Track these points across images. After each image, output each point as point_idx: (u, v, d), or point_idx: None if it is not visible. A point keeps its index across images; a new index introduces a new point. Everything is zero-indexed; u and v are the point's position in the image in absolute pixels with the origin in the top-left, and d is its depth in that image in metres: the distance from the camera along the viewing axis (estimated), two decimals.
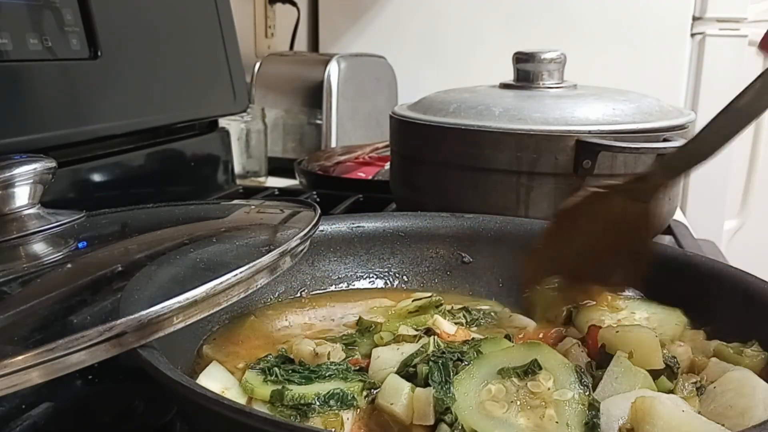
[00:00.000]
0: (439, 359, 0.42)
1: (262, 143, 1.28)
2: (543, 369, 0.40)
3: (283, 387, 0.42)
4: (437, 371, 0.41)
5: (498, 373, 0.40)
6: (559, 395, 0.39)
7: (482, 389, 0.40)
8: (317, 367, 0.45)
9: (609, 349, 0.45)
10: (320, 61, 1.38)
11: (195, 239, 0.51)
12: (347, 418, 0.41)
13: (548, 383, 0.40)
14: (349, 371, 0.44)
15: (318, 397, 0.41)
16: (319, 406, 0.41)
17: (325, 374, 0.44)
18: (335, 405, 0.41)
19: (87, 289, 0.45)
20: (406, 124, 0.83)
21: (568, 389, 0.39)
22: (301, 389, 0.42)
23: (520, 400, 0.39)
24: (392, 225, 0.65)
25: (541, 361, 0.41)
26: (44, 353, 0.34)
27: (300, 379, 0.43)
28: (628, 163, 0.73)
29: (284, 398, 0.41)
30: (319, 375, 0.44)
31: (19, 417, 0.44)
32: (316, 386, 0.42)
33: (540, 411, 0.38)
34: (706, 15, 1.64)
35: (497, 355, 0.42)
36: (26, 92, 0.71)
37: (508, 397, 0.39)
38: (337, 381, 0.43)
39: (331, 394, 0.41)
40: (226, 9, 1.07)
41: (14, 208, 0.52)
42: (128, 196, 0.87)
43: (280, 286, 0.61)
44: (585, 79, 0.86)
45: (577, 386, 0.40)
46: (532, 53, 0.83)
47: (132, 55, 0.86)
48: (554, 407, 0.38)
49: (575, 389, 0.39)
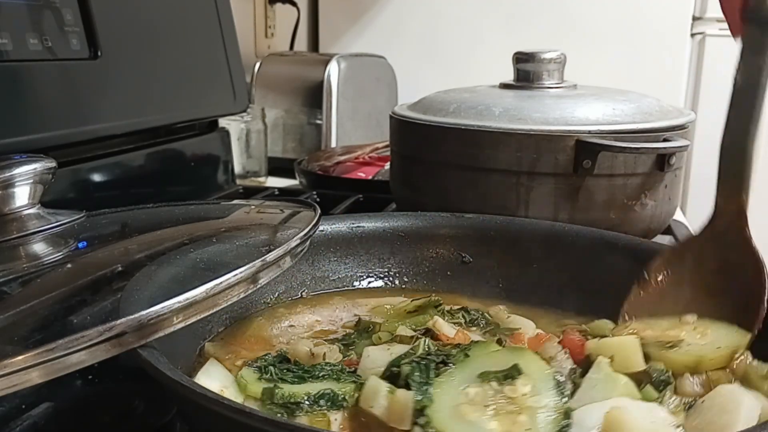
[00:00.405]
0: (422, 360, 0.42)
1: (262, 143, 1.28)
2: (523, 374, 0.40)
3: (274, 385, 0.42)
4: (418, 372, 0.41)
5: (478, 377, 0.40)
6: (533, 401, 0.38)
7: (461, 392, 0.39)
8: (312, 368, 0.45)
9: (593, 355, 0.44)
10: (320, 61, 1.38)
11: (195, 239, 0.51)
12: (335, 419, 0.41)
13: (525, 389, 0.39)
14: (343, 372, 0.44)
15: (308, 396, 0.41)
16: (309, 405, 0.41)
17: (319, 374, 0.44)
18: (325, 405, 0.41)
19: (87, 289, 0.45)
20: (406, 124, 0.83)
21: (543, 396, 0.39)
22: (291, 388, 0.42)
23: (496, 405, 0.39)
24: (392, 225, 0.65)
25: (522, 366, 0.40)
26: (44, 353, 0.34)
27: (293, 378, 0.43)
28: (628, 163, 0.73)
29: (275, 396, 0.41)
30: (313, 375, 0.44)
31: (19, 417, 0.44)
32: (308, 386, 0.43)
33: (513, 416, 0.38)
34: (706, 15, 1.64)
35: (480, 359, 0.42)
36: (26, 92, 0.71)
37: (485, 401, 0.39)
38: (330, 381, 0.43)
39: (321, 394, 0.42)
40: (226, 9, 1.07)
41: (14, 208, 0.52)
42: (128, 196, 0.87)
43: (280, 286, 0.61)
44: (585, 79, 0.86)
45: (554, 393, 0.39)
46: (532, 53, 0.83)
47: (132, 55, 0.86)
48: (527, 413, 0.38)
49: (551, 396, 0.39)
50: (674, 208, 0.81)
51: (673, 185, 0.78)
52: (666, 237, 0.87)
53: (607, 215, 0.74)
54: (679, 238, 0.87)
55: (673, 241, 0.86)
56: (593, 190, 0.73)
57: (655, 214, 0.77)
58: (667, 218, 0.81)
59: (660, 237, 0.83)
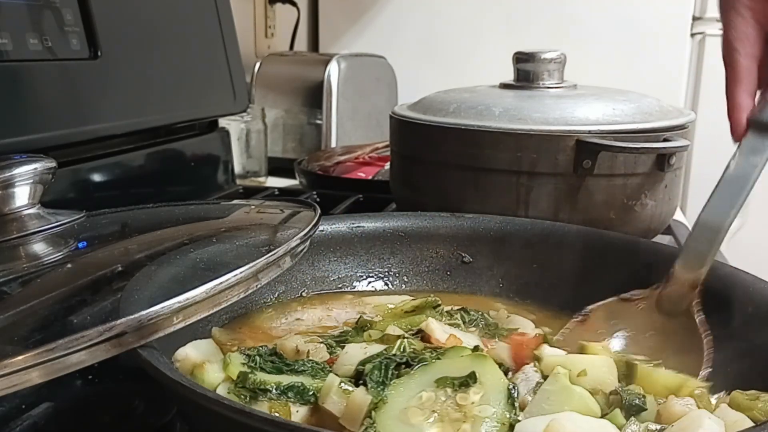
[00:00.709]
0: (384, 361, 0.42)
1: (262, 143, 1.28)
2: (478, 383, 0.40)
3: (252, 371, 0.43)
4: (378, 371, 0.41)
5: (436, 382, 0.40)
6: (479, 411, 0.38)
7: (415, 395, 0.39)
8: (294, 362, 0.45)
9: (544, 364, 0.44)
10: (320, 61, 1.38)
11: (195, 239, 0.51)
12: (296, 411, 0.42)
13: (476, 397, 0.39)
14: (323, 370, 0.45)
15: (277, 386, 0.42)
16: (276, 394, 0.42)
17: (298, 369, 0.45)
18: (293, 397, 0.42)
19: (87, 289, 0.45)
20: (406, 124, 0.83)
21: (491, 406, 0.38)
22: (265, 376, 0.43)
23: (443, 411, 0.38)
24: (392, 225, 0.65)
25: (479, 375, 0.40)
26: (44, 353, 0.34)
27: (272, 368, 0.44)
28: (628, 163, 0.73)
29: (247, 381, 0.42)
30: (292, 369, 0.45)
31: (19, 417, 0.44)
32: (282, 377, 0.43)
33: (458, 424, 0.38)
34: (706, 15, 1.64)
35: (442, 364, 0.42)
36: (26, 92, 0.71)
37: (434, 406, 0.39)
38: (305, 376, 0.44)
39: (290, 386, 0.42)
40: (226, 9, 1.07)
41: (14, 208, 0.52)
42: (128, 196, 0.87)
43: (280, 286, 0.61)
44: (585, 79, 0.86)
45: (503, 405, 0.39)
46: (532, 53, 0.83)
47: (132, 55, 0.86)
48: (471, 422, 0.38)
49: (499, 407, 0.38)
50: (674, 208, 0.81)
51: (673, 185, 0.78)
52: (666, 237, 0.87)
53: (607, 215, 0.74)
54: (679, 238, 0.87)
55: (672, 241, 0.86)
56: (593, 190, 0.73)
57: (655, 214, 0.77)
58: (667, 218, 0.81)
59: (660, 237, 0.83)
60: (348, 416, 0.39)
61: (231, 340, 0.52)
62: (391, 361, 0.42)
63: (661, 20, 1.61)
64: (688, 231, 0.90)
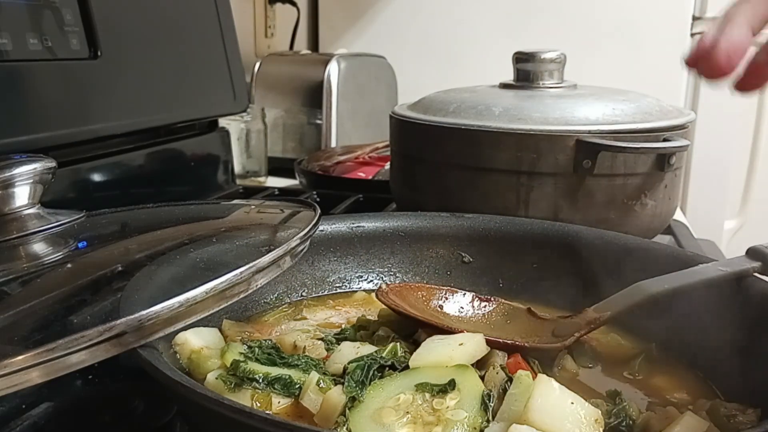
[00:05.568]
0: (369, 361, 0.43)
1: (262, 143, 1.28)
2: (455, 389, 0.40)
3: (245, 360, 0.44)
4: (360, 371, 0.42)
5: (416, 386, 0.41)
6: (452, 415, 0.39)
7: (392, 397, 0.40)
8: (289, 356, 0.46)
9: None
10: (320, 61, 1.38)
11: (195, 239, 0.51)
12: (278, 402, 0.42)
13: (451, 403, 0.39)
14: (316, 366, 0.45)
15: (265, 377, 0.43)
16: (262, 384, 0.43)
17: (291, 363, 0.45)
18: (279, 389, 0.43)
19: (87, 289, 0.45)
20: (406, 124, 0.83)
21: (464, 411, 0.39)
22: (255, 366, 0.44)
23: (417, 413, 0.39)
24: (392, 225, 0.65)
25: (458, 383, 0.41)
26: (44, 353, 0.34)
27: (266, 360, 0.45)
28: (628, 163, 0.73)
29: (238, 369, 0.43)
30: (286, 363, 0.45)
31: (19, 417, 0.44)
32: (272, 369, 0.44)
33: (429, 427, 0.38)
34: (706, 15, 1.64)
35: (426, 371, 0.42)
36: (26, 92, 0.71)
37: (408, 408, 0.39)
38: (297, 370, 0.44)
39: (278, 378, 0.43)
40: (226, 9, 1.07)
41: (14, 208, 0.52)
42: (128, 196, 0.87)
43: (280, 286, 0.61)
44: (585, 79, 0.86)
45: (476, 411, 0.39)
46: (532, 53, 0.83)
47: (132, 55, 0.86)
48: (443, 426, 0.38)
49: (472, 413, 0.39)
50: (674, 208, 0.81)
51: (673, 185, 0.78)
52: (666, 237, 0.87)
53: (607, 215, 0.74)
54: (679, 238, 0.87)
55: (672, 241, 0.86)
56: (593, 190, 0.73)
57: (655, 214, 0.77)
58: (667, 218, 0.81)
59: (660, 237, 0.83)
60: (322, 414, 0.40)
61: (239, 333, 0.53)
62: (375, 362, 0.43)
63: (661, 20, 1.61)
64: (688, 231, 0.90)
